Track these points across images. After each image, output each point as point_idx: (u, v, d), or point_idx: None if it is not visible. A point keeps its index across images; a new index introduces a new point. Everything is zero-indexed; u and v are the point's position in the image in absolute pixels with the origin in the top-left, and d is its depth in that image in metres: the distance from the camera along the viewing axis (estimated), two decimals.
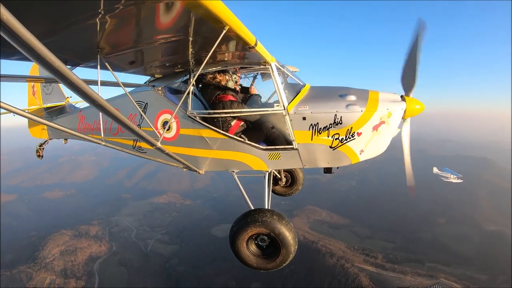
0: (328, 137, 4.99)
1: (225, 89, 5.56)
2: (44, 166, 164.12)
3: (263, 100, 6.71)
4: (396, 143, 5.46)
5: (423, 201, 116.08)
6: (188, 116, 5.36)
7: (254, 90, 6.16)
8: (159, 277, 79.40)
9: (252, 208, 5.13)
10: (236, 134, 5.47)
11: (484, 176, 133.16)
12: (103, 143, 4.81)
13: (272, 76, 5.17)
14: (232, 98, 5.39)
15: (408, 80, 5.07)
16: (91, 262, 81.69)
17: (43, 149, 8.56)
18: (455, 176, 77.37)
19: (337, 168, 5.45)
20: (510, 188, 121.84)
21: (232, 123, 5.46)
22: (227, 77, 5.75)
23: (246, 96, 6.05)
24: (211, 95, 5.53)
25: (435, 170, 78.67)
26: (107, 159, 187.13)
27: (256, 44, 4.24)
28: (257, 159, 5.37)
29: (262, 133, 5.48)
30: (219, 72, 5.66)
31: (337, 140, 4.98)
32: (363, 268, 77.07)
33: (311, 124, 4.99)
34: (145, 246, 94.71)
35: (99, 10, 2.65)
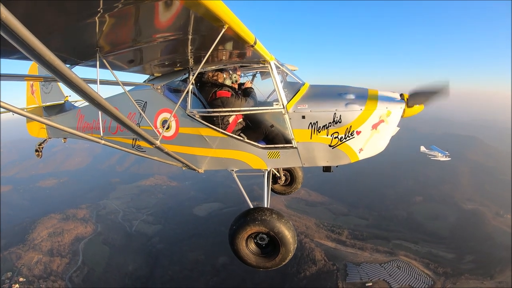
0: (327, 135, 5.00)
1: (222, 86, 5.56)
2: None
3: (263, 99, 6.71)
4: None
5: (404, 179, 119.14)
6: (188, 115, 5.35)
7: (248, 84, 6.17)
8: (140, 254, 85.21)
9: (251, 206, 5.14)
10: (235, 132, 5.47)
11: (469, 155, 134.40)
12: (103, 142, 4.81)
13: (271, 74, 5.17)
14: (228, 93, 5.39)
15: (420, 97, 4.90)
16: (76, 242, 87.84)
17: (42, 148, 8.56)
18: (442, 155, 77.12)
19: (336, 166, 5.46)
20: (495, 167, 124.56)
21: (230, 120, 5.47)
22: (224, 75, 5.74)
23: (240, 91, 6.07)
24: (209, 92, 5.54)
25: (422, 148, 78.26)
26: (100, 146, 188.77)
27: (255, 43, 4.23)
28: (257, 158, 5.37)
29: (261, 131, 5.49)
30: (216, 70, 5.66)
31: (336, 138, 4.99)
32: (321, 244, 79.07)
33: (311, 123, 5.00)
34: (130, 226, 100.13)
35: (98, 9, 2.65)
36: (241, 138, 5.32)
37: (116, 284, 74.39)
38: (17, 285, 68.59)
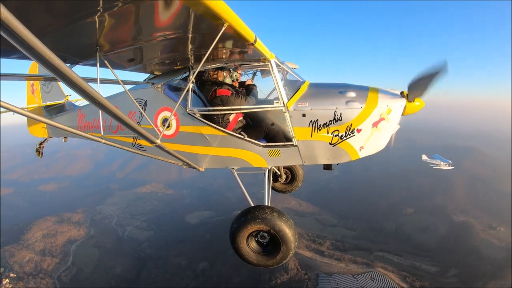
0: (327, 133, 5.00)
1: (222, 84, 5.56)
2: (41, 161, 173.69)
3: (263, 97, 6.71)
4: None
5: (398, 190, 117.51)
6: (188, 113, 5.36)
7: (249, 81, 6.17)
8: (129, 258, 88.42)
9: (252, 205, 5.14)
10: (235, 130, 5.47)
11: (466, 165, 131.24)
12: (103, 141, 4.81)
13: (272, 73, 5.16)
14: (228, 92, 5.38)
15: (417, 89, 4.85)
16: (68, 244, 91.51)
17: (43, 147, 8.57)
18: (445, 163, 75.55)
19: (337, 164, 5.46)
20: (492, 178, 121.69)
21: (231, 118, 5.47)
22: (224, 73, 5.74)
23: (243, 89, 6.06)
24: (209, 91, 5.54)
25: (424, 157, 76.84)
26: (103, 152, 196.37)
27: (255, 41, 4.22)
28: (257, 156, 5.38)
29: (262, 130, 5.49)
30: (216, 69, 5.65)
31: (337, 136, 4.99)
32: (298, 253, 79.19)
33: (311, 121, 4.99)
34: (122, 232, 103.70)
35: (98, 8, 2.65)
36: (242, 137, 5.32)
37: (103, 285, 77.30)
38: (7, 280, 72.59)
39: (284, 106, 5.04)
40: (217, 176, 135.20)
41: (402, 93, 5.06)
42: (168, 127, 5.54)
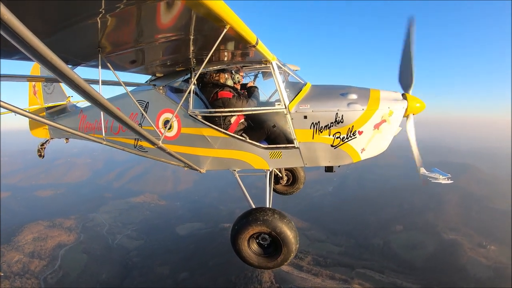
0: (329, 135, 4.99)
1: (224, 86, 5.55)
2: (41, 168, 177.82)
3: (265, 99, 6.71)
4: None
5: (390, 206, 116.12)
6: (189, 115, 5.35)
7: (251, 83, 6.17)
8: (116, 266, 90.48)
9: (254, 207, 5.13)
10: (237, 132, 5.46)
11: (462, 183, 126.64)
12: (105, 143, 4.80)
13: (273, 75, 5.14)
14: (229, 94, 5.36)
15: (405, 78, 5.08)
16: (57, 248, 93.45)
17: (44, 148, 8.56)
18: (444, 177, 75.03)
19: (338, 166, 5.44)
20: (486, 196, 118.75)
21: (232, 120, 5.45)
22: (226, 75, 5.73)
23: (245, 91, 6.06)
24: (210, 93, 5.52)
25: (422, 170, 75.38)
26: (102, 161, 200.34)
27: (257, 43, 4.22)
28: (259, 158, 5.36)
29: (263, 132, 5.47)
30: (218, 71, 5.64)
31: (338, 138, 4.98)
32: None
33: (312, 123, 4.99)
34: (112, 240, 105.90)
35: (100, 10, 2.65)
36: (243, 138, 5.30)
37: None
38: None
39: (285, 108, 5.03)
40: (211, 189, 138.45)
41: (403, 95, 5.06)
42: (169, 128, 5.53)
